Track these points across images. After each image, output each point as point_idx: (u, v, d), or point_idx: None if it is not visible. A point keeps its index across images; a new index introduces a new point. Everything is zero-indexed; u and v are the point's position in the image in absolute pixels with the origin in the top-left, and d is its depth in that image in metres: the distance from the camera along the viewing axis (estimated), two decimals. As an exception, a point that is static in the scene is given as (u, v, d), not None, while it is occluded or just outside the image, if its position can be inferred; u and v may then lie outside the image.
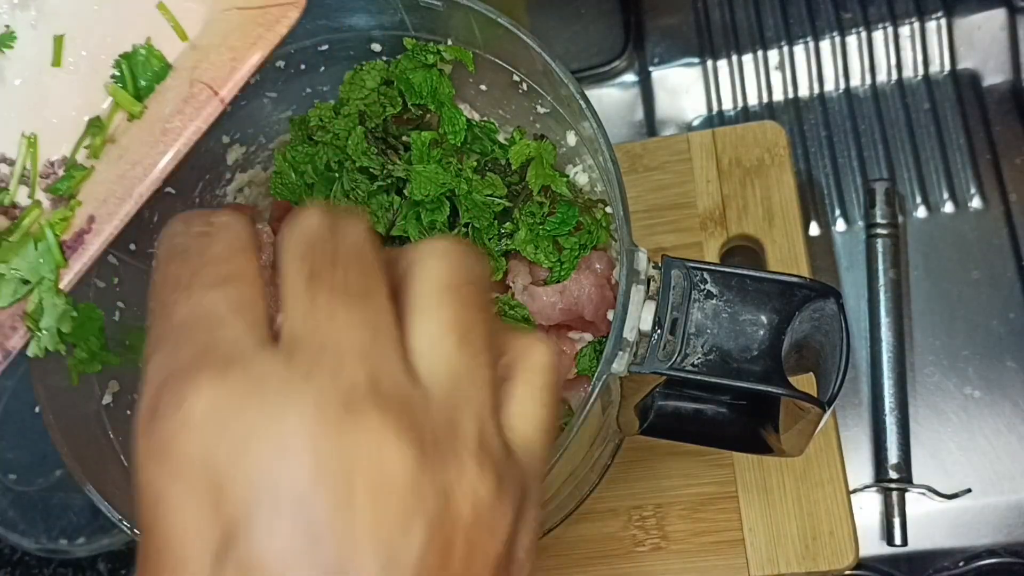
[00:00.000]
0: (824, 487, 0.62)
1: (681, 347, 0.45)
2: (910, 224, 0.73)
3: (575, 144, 0.55)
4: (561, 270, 0.52)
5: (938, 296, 0.71)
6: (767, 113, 0.79)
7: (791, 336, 0.45)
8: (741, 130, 0.70)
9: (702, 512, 0.63)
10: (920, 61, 0.77)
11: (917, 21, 0.77)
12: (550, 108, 0.54)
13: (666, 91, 0.81)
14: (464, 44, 0.54)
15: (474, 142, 0.55)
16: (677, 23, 0.82)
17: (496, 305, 0.38)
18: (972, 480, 0.68)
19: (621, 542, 0.64)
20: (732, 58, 0.80)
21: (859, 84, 0.77)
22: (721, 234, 0.68)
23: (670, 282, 0.45)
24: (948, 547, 0.67)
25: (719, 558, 0.62)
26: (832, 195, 0.75)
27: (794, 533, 0.62)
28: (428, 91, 0.54)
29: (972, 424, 0.69)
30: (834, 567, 0.61)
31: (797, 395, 0.44)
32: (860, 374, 0.71)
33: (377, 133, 0.54)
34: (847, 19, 0.78)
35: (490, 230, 0.52)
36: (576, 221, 0.52)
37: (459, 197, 0.52)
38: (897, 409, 0.68)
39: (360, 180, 0.52)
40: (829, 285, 0.46)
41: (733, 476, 0.63)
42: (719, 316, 0.45)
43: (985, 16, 0.76)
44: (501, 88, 0.56)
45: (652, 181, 0.70)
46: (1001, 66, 0.75)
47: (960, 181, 0.74)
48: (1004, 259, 0.71)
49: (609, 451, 0.64)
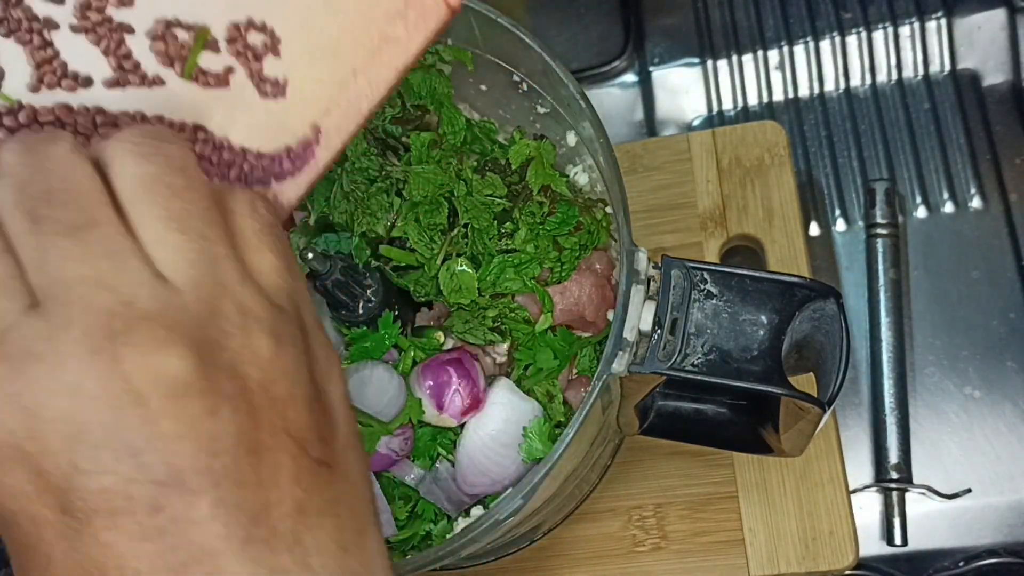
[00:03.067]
0: (824, 487, 0.62)
1: (681, 347, 0.45)
2: (910, 224, 0.73)
3: (575, 144, 0.55)
4: (561, 270, 0.52)
5: (938, 296, 0.71)
6: (767, 113, 0.79)
7: (791, 336, 0.45)
8: (741, 130, 0.70)
9: (702, 512, 0.63)
10: (920, 61, 0.77)
11: (917, 21, 0.77)
12: (550, 108, 0.54)
13: (666, 91, 0.81)
14: (464, 44, 0.54)
15: (474, 142, 0.55)
16: (677, 23, 0.82)
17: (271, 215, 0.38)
18: (972, 480, 0.68)
19: (621, 542, 0.64)
20: (732, 58, 0.80)
21: (859, 84, 0.77)
22: (721, 234, 0.68)
23: (670, 282, 0.45)
24: (948, 547, 0.67)
25: (719, 558, 0.62)
26: (832, 195, 0.75)
27: (794, 533, 0.62)
28: (427, 91, 0.54)
29: (972, 424, 0.69)
30: (834, 567, 0.61)
31: (797, 395, 0.44)
32: (860, 374, 0.71)
33: (376, 134, 0.54)
34: (847, 19, 0.78)
35: (490, 230, 0.52)
36: (576, 221, 0.52)
37: (458, 198, 0.52)
38: (897, 409, 0.68)
39: (359, 181, 0.52)
40: (829, 285, 0.46)
41: (733, 476, 0.63)
42: (719, 316, 0.45)
43: (985, 16, 0.76)
44: (501, 88, 0.56)
45: (652, 181, 0.70)
46: (1001, 66, 0.75)
47: (960, 181, 0.74)
48: (1004, 259, 0.71)
49: (609, 451, 0.64)
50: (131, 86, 0.39)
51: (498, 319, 0.52)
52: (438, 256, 0.52)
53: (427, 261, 0.51)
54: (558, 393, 0.52)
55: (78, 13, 0.38)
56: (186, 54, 0.40)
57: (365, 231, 0.52)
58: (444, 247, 0.52)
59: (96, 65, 0.39)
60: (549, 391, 0.52)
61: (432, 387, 0.50)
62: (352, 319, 0.52)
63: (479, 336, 0.51)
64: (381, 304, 0.52)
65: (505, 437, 0.50)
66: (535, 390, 0.52)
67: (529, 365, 0.52)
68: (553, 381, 0.52)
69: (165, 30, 0.39)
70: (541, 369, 0.52)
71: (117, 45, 0.39)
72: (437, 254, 0.52)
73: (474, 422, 0.51)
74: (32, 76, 0.38)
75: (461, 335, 0.52)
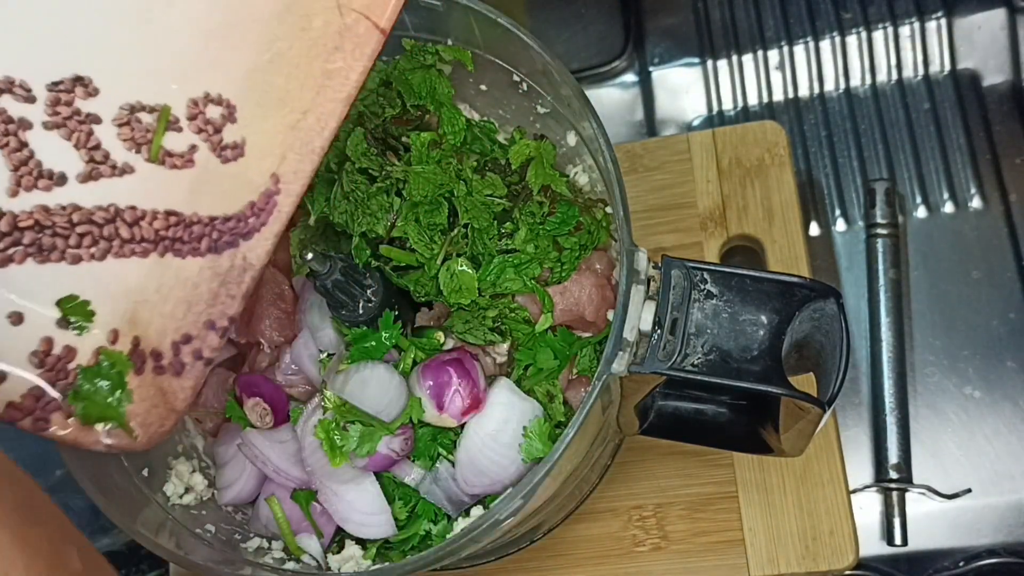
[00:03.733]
0: (824, 487, 0.62)
1: (681, 347, 0.45)
2: (910, 224, 0.73)
3: (575, 144, 0.55)
4: (561, 270, 0.52)
5: (938, 296, 0.71)
6: (767, 113, 0.79)
7: (791, 336, 0.45)
8: (741, 130, 0.70)
9: (702, 512, 0.63)
10: (920, 61, 0.77)
11: (917, 21, 0.77)
12: (550, 108, 0.54)
13: (666, 91, 0.81)
14: (464, 44, 0.54)
15: (474, 142, 0.55)
16: (677, 23, 0.82)
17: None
18: (972, 480, 0.68)
19: (621, 542, 0.64)
20: (732, 58, 0.80)
21: (859, 84, 0.77)
22: (721, 234, 0.68)
23: (670, 282, 0.45)
24: (948, 547, 0.67)
25: (719, 558, 0.62)
26: (832, 195, 0.75)
27: (794, 533, 0.62)
28: (427, 92, 0.54)
29: (972, 424, 0.69)
30: (834, 567, 0.61)
31: (797, 395, 0.44)
32: (860, 374, 0.71)
33: (377, 134, 0.54)
34: (847, 19, 0.78)
35: (490, 230, 0.52)
36: (576, 221, 0.52)
37: (458, 198, 0.52)
38: (897, 409, 0.68)
39: (360, 181, 0.52)
40: (829, 285, 0.46)
41: (733, 476, 0.63)
42: (719, 316, 0.45)
43: (985, 16, 0.76)
44: (501, 88, 0.56)
45: (652, 181, 0.70)
46: (1001, 66, 0.75)
47: (960, 181, 0.74)
48: (1004, 259, 0.71)
49: (609, 451, 0.64)
50: (103, 178, 0.41)
51: (498, 319, 0.52)
52: (438, 256, 0.52)
53: (427, 261, 0.51)
54: (558, 393, 0.51)
55: (49, 109, 0.40)
56: (151, 137, 0.41)
57: (365, 231, 0.52)
58: (444, 247, 0.52)
59: (69, 160, 0.40)
60: (549, 391, 0.52)
61: (432, 387, 0.50)
62: (352, 319, 0.52)
63: (479, 336, 0.51)
64: (381, 304, 0.52)
65: (505, 437, 0.50)
66: (535, 390, 0.52)
67: (529, 365, 0.52)
68: (553, 381, 0.52)
69: (130, 115, 0.41)
70: (541, 369, 0.52)
71: (87, 137, 0.40)
72: (437, 254, 0.52)
73: (474, 422, 0.51)
74: (10, 180, 0.39)
75: (461, 335, 0.52)
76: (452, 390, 0.50)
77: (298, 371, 0.56)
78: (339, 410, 0.48)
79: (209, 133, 0.42)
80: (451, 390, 0.50)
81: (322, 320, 0.54)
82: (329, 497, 0.51)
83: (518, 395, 0.51)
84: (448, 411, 0.50)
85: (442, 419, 0.50)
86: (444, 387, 0.50)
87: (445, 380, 0.50)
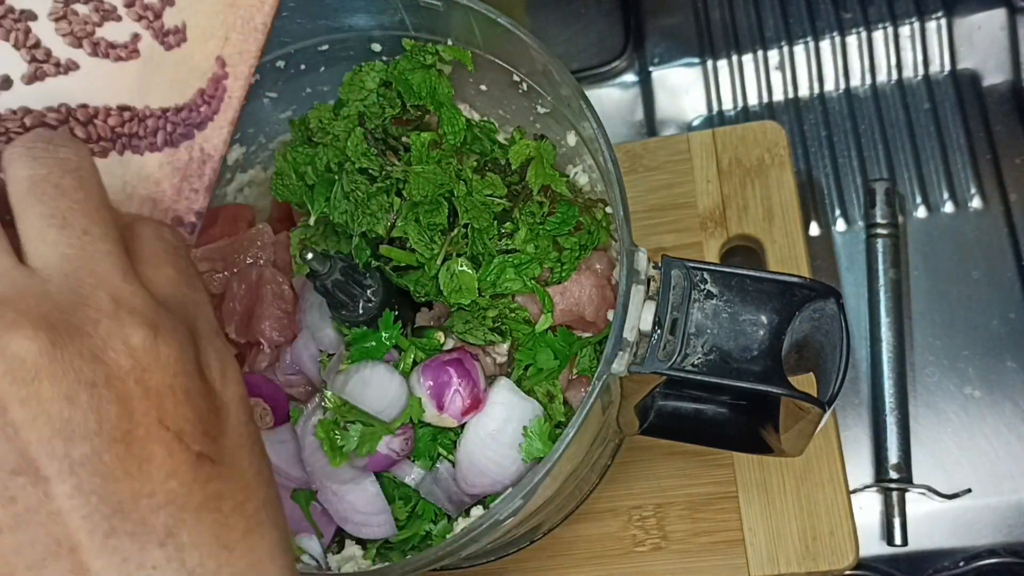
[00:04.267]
0: (824, 487, 0.62)
1: (681, 347, 0.45)
2: (910, 224, 0.73)
3: (575, 144, 0.55)
4: (561, 270, 0.52)
5: (938, 296, 0.71)
6: (767, 113, 0.79)
7: (791, 336, 0.45)
8: (741, 130, 0.70)
9: (702, 512, 0.63)
10: (920, 61, 0.77)
11: (917, 21, 0.77)
12: (550, 108, 0.54)
13: (666, 91, 0.81)
14: (464, 44, 0.54)
15: (474, 142, 0.55)
16: (677, 23, 0.82)
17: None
18: (972, 480, 0.68)
19: (621, 542, 0.64)
20: (732, 58, 0.80)
21: (859, 84, 0.77)
22: (721, 234, 0.68)
23: (670, 282, 0.45)
24: (948, 547, 0.67)
25: (719, 558, 0.62)
26: (832, 195, 0.75)
27: (794, 533, 0.62)
28: (427, 92, 0.54)
29: (972, 424, 0.69)
30: (834, 567, 0.61)
31: (797, 395, 0.44)
32: (860, 374, 0.71)
33: (377, 134, 0.54)
34: (847, 19, 0.78)
35: (490, 230, 0.52)
36: (576, 221, 0.52)
37: (458, 198, 0.52)
38: (897, 409, 0.68)
39: (360, 181, 0.52)
40: (829, 285, 0.46)
41: (733, 476, 0.63)
42: (719, 316, 0.45)
43: (985, 16, 0.76)
44: (501, 88, 0.56)
45: (652, 181, 0.70)
46: (1001, 66, 0.75)
47: (960, 181, 0.74)
48: (1004, 259, 0.71)
49: (609, 451, 0.64)
50: (49, 77, 0.40)
51: (498, 319, 0.52)
52: (438, 256, 0.52)
53: (427, 261, 0.51)
54: (558, 393, 0.51)
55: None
56: (91, 30, 0.40)
57: (365, 231, 0.52)
58: (444, 247, 0.52)
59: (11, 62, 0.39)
60: (549, 391, 0.52)
61: (432, 387, 0.50)
62: (352, 319, 0.52)
63: (479, 336, 0.51)
64: (381, 304, 0.52)
65: (505, 437, 0.50)
66: (535, 390, 0.52)
67: (529, 365, 0.52)
68: (553, 381, 0.52)
69: (65, 7, 0.40)
70: (541, 369, 0.52)
71: (25, 35, 0.39)
72: (437, 254, 0.52)
73: (474, 422, 0.51)
74: None
75: (461, 335, 0.52)
76: (452, 390, 0.50)
77: (298, 371, 0.56)
78: (339, 410, 0.48)
79: (150, 20, 0.41)
80: (451, 390, 0.50)
81: (322, 320, 0.54)
82: (329, 497, 0.51)
83: (518, 395, 0.51)
84: (448, 411, 0.50)
85: (442, 419, 0.50)
86: (444, 387, 0.50)
87: (445, 380, 0.50)
